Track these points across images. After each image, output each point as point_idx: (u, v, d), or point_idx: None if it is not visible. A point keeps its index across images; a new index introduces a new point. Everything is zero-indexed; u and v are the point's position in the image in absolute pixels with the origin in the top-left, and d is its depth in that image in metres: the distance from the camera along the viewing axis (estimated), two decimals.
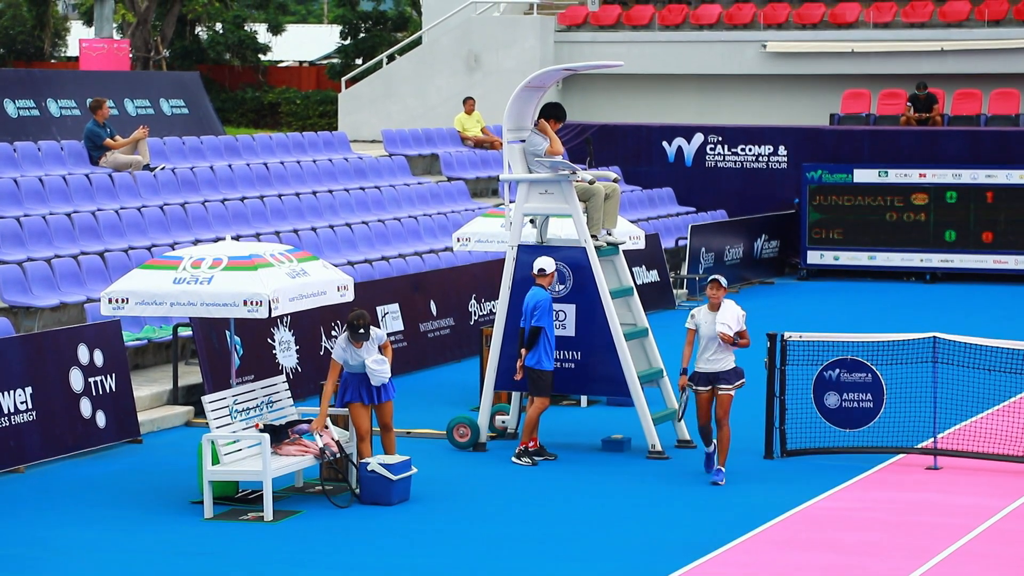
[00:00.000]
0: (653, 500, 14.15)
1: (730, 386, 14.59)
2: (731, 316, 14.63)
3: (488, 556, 12.36)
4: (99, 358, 16.06)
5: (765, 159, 30.65)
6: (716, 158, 30.96)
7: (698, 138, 31.06)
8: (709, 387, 14.61)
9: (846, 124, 31.18)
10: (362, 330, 13.88)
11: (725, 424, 14.53)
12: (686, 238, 27.65)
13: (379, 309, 20.06)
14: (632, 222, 22.30)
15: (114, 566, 12.07)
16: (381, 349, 14.04)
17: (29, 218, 19.03)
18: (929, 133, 29.78)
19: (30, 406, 15.18)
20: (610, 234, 16.37)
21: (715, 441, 14.62)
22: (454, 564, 12.16)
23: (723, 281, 14.81)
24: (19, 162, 20.77)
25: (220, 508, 13.57)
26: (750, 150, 30.73)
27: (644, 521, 13.42)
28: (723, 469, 14.51)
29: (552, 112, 16.10)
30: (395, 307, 20.37)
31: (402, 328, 20.36)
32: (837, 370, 15.62)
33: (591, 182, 16.15)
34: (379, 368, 13.92)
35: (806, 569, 11.98)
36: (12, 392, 15.02)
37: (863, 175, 28.99)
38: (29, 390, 15.21)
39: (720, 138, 30.94)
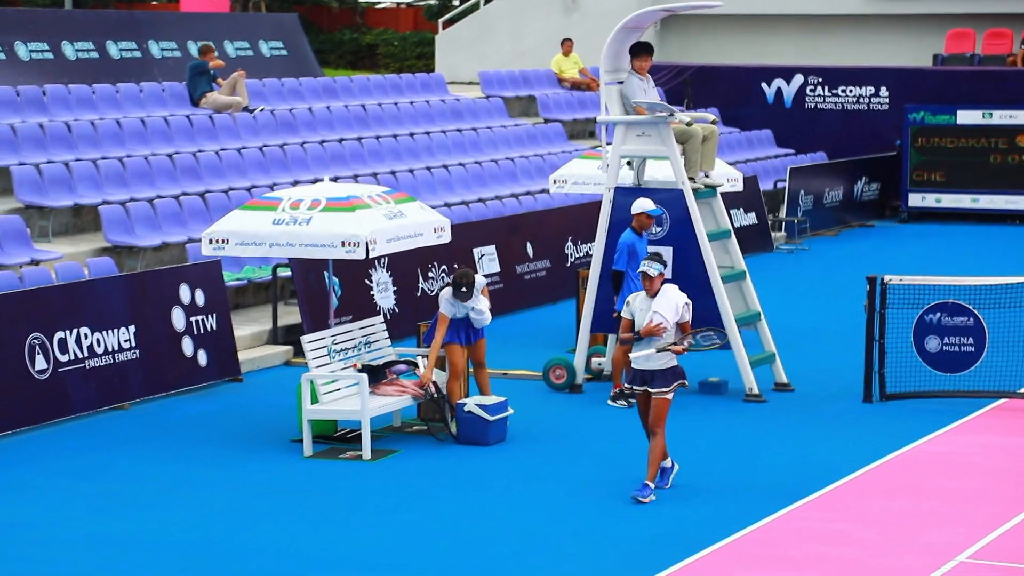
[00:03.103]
0: (750, 444, 14.10)
1: (665, 389, 12.10)
2: (669, 305, 12.20)
3: (582, 497, 12.40)
4: (200, 298, 16.26)
5: (866, 100, 30.25)
6: (816, 99, 30.60)
7: (798, 79, 30.71)
8: (644, 387, 12.21)
9: (949, 65, 30.67)
10: (464, 288, 13.95)
11: (658, 432, 12.13)
12: (785, 180, 27.41)
13: (475, 251, 20.11)
14: (730, 164, 22.13)
15: (215, 503, 12.26)
16: (479, 293, 14.12)
17: (132, 159, 19.26)
18: None
19: (133, 344, 15.42)
20: (708, 176, 16.26)
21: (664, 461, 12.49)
22: (549, 505, 12.21)
23: (652, 270, 12.19)
24: (121, 103, 21.00)
25: (319, 446, 13.72)
26: (851, 91, 30.34)
27: (740, 465, 13.39)
28: (650, 485, 12.15)
29: (640, 50, 15.89)
30: (491, 249, 20.41)
31: (498, 270, 20.40)
32: (938, 314, 15.45)
33: (689, 124, 16.03)
34: (481, 316, 14.07)
35: (908, 515, 11.91)
36: (116, 331, 15.26)
37: (966, 116, 28.53)
38: (132, 329, 15.44)
39: (820, 79, 30.56)
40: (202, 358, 16.12)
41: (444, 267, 19.48)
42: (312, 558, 10.91)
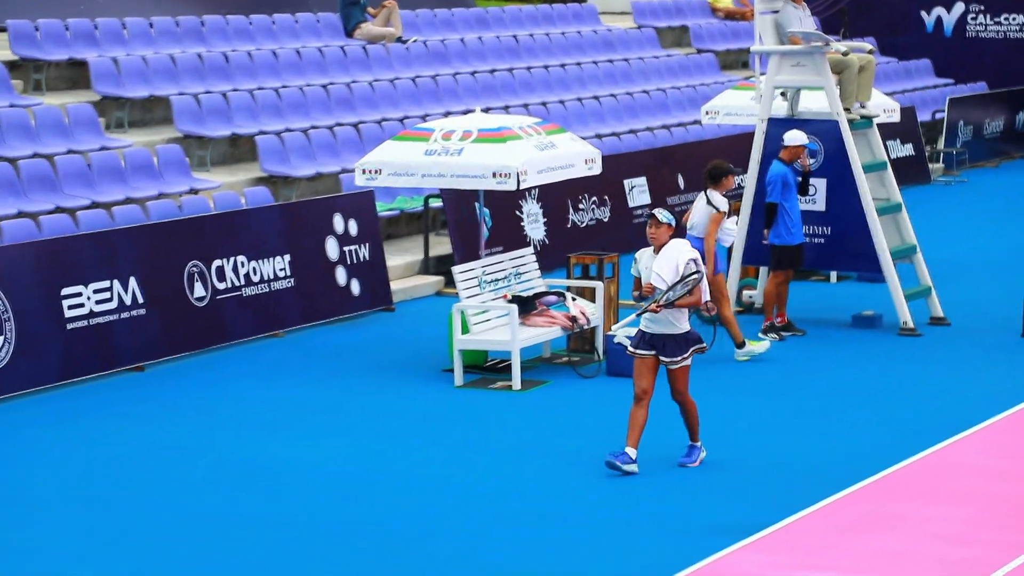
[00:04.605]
0: (904, 378, 13.94)
1: (678, 358, 11.07)
2: (668, 264, 10.96)
3: (730, 430, 12.37)
4: (353, 228, 16.45)
5: None
6: (977, 27, 29.85)
7: (959, 7, 29.97)
8: (652, 352, 11.08)
9: None
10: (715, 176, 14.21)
11: (683, 400, 11.26)
12: (943, 111, 26.84)
13: (626, 182, 20.04)
14: (887, 94, 21.72)
15: (367, 430, 12.45)
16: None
17: (287, 89, 19.48)
18: None
19: (288, 273, 15.67)
20: (863, 107, 16.01)
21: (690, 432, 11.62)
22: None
23: (661, 215, 11.10)
24: (277, 34, 21.23)
25: (470, 376, 13.85)
26: (1014, 19, 29.54)
27: (893, 399, 13.25)
28: (698, 444, 11.39)
29: None
30: (642, 180, 20.32)
31: (649, 202, 20.32)
32: None
33: (845, 53, 15.77)
34: (729, 235, 14.60)
35: None
36: (272, 260, 15.52)
37: None
38: (288, 258, 15.68)
39: (982, 7, 29.79)
40: (355, 287, 16.33)
41: (594, 199, 19.46)
42: (462, 486, 11.04)
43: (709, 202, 14.44)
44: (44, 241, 13.95)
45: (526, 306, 14.09)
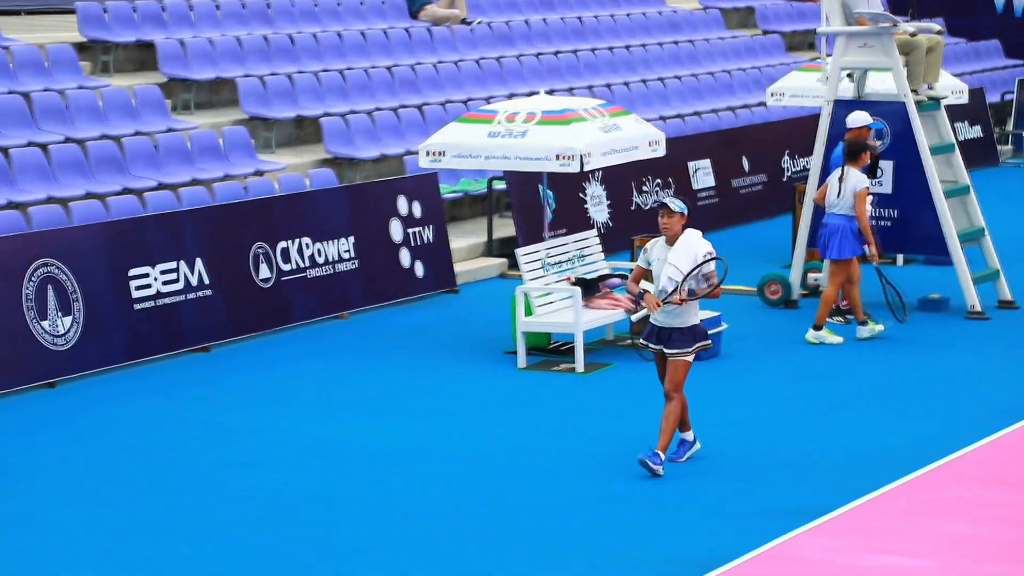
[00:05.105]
0: (970, 361, 13.82)
1: (682, 351, 10.67)
2: (685, 256, 10.61)
3: (793, 414, 12.32)
4: (417, 209, 16.49)
5: None
6: None
7: None
8: (660, 346, 10.78)
9: None
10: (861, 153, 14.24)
11: (675, 397, 10.72)
12: (1012, 92, 26.55)
13: (690, 164, 19.97)
14: (955, 75, 21.51)
15: (430, 412, 12.49)
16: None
17: (352, 71, 19.54)
18: None
19: (353, 255, 15.73)
20: (931, 88, 15.86)
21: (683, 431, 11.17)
22: (760, 420, 12.16)
23: (674, 204, 10.68)
24: (343, 16, 21.29)
25: (533, 358, 13.86)
26: None
27: (959, 383, 13.14)
28: (660, 454, 10.67)
29: None
30: (706, 163, 20.24)
31: (713, 184, 20.24)
32: None
33: (913, 34, 15.63)
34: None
35: None
36: (336, 241, 15.59)
37: None
38: (352, 239, 15.75)
39: None
40: (419, 269, 16.37)
41: (658, 181, 19.40)
42: (524, 468, 11.06)
43: (843, 178, 14.28)
44: (112, 222, 14.09)
45: (590, 288, 14.08)
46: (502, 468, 11.06)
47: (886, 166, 15.48)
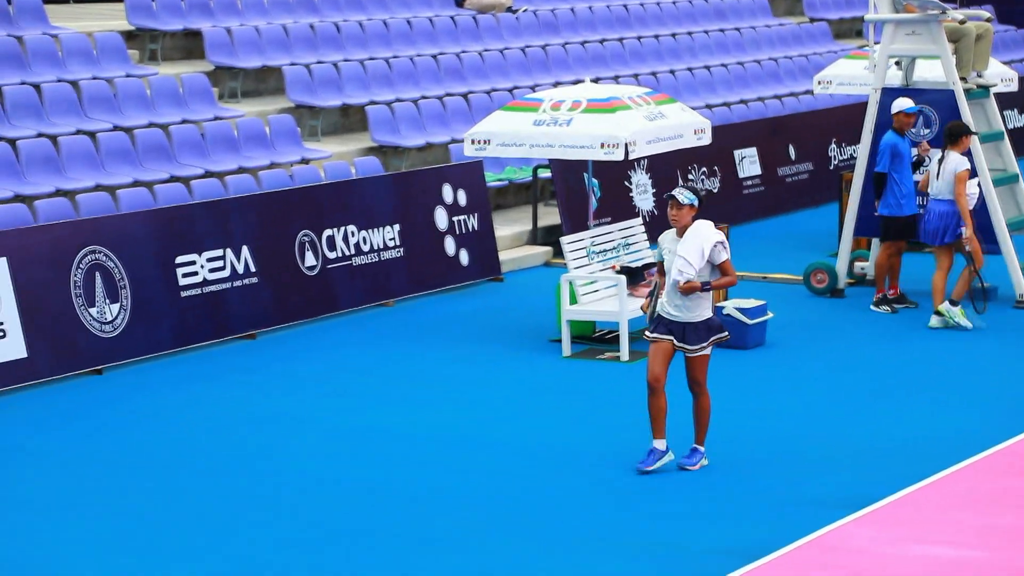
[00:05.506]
0: (1019, 351, 13.72)
1: (698, 347, 10.54)
2: (694, 248, 10.41)
3: (837, 403, 12.28)
4: (462, 198, 16.51)
5: None
6: None
7: None
8: (669, 337, 10.55)
9: None
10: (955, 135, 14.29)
11: (700, 392, 10.68)
12: None
13: (736, 153, 19.91)
14: (1005, 64, 21.36)
15: (475, 399, 12.52)
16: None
17: (397, 59, 19.57)
18: None
19: (398, 243, 15.77)
20: (980, 76, 15.75)
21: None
22: (804, 409, 12.12)
23: (683, 196, 10.43)
24: (388, 4, 21.32)
25: (577, 347, 13.86)
26: None
27: (1006, 373, 13.06)
28: (701, 448, 10.72)
29: None
30: (753, 151, 20.18)
31: (759, 172, 20.17)
32: None
33: (962, 22, 15.52)
34: (972, 197, 14.63)
35: None
36: (381, 229, 15.63)
37: None
38: (397, 227, 15.79)
39: None
40: (464, 257, 16.39)
41: (704, 169, 19.35)
42: (569, 457, 11.06)
43: (942, 160, 14.33)
44: (159, 210, 14.17)
45: (635, 277, 14.07)
46: (546, 457, 11.07)
47: (935, 154, 15.38)
